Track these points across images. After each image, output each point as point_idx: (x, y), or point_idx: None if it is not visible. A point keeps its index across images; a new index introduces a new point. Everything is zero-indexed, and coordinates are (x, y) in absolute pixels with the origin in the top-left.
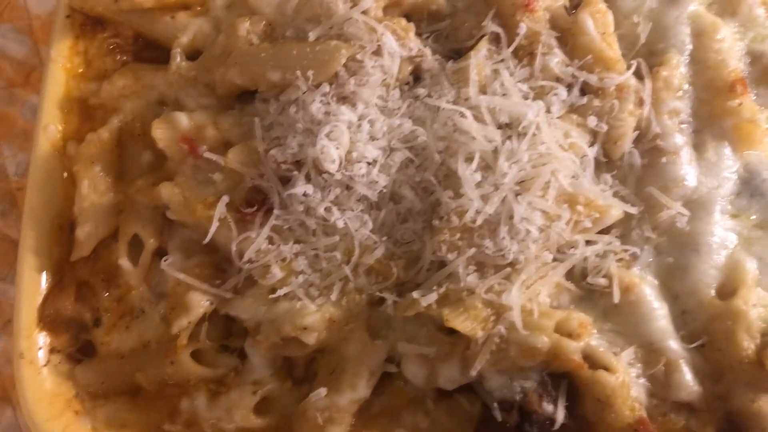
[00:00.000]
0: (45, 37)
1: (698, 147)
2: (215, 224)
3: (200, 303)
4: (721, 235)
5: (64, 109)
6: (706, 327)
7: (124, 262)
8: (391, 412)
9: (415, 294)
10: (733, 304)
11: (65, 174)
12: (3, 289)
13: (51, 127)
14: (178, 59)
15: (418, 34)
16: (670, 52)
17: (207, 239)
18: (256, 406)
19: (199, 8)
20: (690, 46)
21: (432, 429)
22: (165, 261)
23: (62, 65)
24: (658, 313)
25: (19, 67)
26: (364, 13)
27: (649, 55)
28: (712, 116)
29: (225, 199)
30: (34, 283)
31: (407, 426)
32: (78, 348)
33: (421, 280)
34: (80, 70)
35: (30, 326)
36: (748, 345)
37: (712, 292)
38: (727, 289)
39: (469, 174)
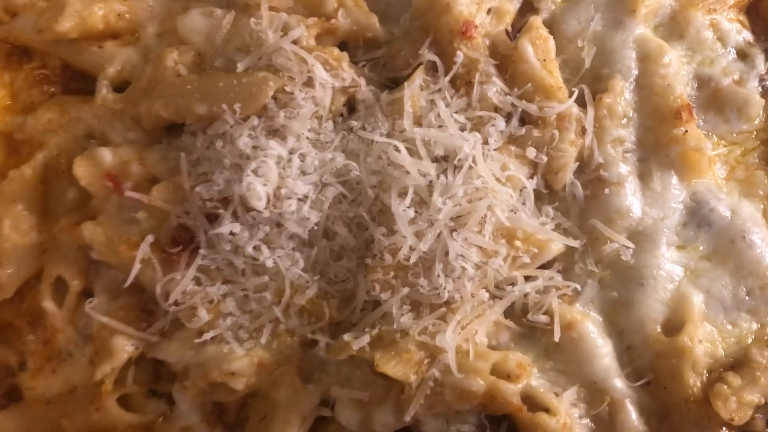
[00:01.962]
0: None
1: (643, 176)
2: (137, 265)
3: (125, 348)
4: (668, 268)
5: None
6: (652, 364)
7: (48, 305)
8: None
9: (347, 336)
10: (678, 340)
11: None
12: None
13: None
14: (104, 91)
15: (354, 63)
16: (615, 78)
17: (128, 281)
18: None
19: (129, 37)
20: (636, 71)
21: None
22: (89, 303)
23: None
24: (602, 350)
25: None
26: (295, 42)
27: (594, 81)
28: (658, 144)
29: (149, 238)
30: None
31: None
32: (3, 393)
33: (356, 320)
34: (6, 103)
35: None
36: (694, 382)
37: (658, 328)
38: (674, 324)
39: (402, 210)
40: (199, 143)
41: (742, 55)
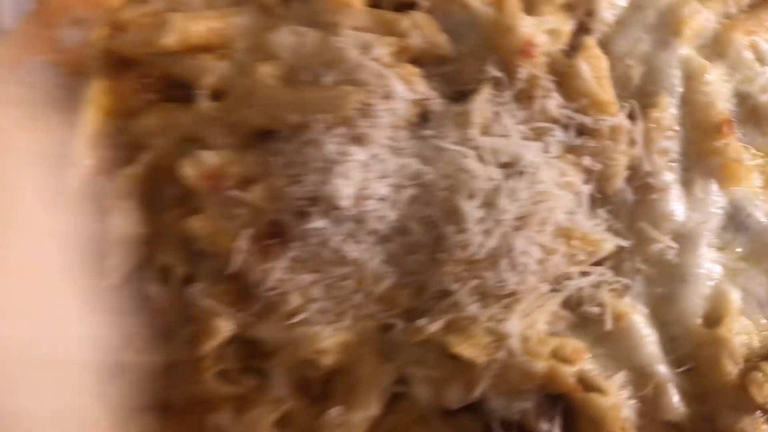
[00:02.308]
0: (77, 70)
1: (687, 184)
2: (238, 255)
3: (225, 327)
4: (708, 267)
5: (95, 146)
6: (693, 353)
7: (154, 289)
8: (399, 429)
9: (422, 321)
10: (717, 332)
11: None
12: None
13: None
14: (202, 100)
15: (426, 77)
16: (661, 94)
17: (230, 269)
18: (277, 422)
19: (222, 51)
20: (680, 89)
21: None
22: (192, 288)
23: (94, 103)
24: (648, 339)
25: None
26: (375, 59)
27: (641, 96)
28: (700, 155)
29: (247, 232)
30: None
31: None
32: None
33: (428, 308)
34: (111, 109)
35: None
36: (732, 370)
37: (699, 321)
38: (713, 318)
39: (471, 210)
40: (290, 148)
41: None
